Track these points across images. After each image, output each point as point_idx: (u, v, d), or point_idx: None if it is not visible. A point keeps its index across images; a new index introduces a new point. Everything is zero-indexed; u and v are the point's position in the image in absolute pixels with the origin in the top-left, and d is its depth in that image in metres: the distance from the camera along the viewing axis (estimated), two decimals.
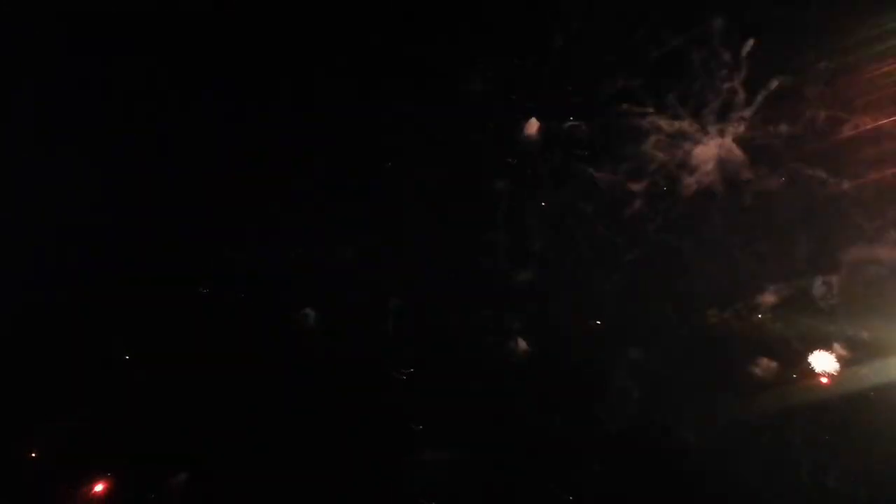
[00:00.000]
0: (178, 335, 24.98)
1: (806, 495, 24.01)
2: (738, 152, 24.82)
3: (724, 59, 24.38)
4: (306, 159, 26.06)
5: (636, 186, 25.71)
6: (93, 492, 24.13)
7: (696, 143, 25.05)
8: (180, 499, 24.40)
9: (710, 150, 24.95)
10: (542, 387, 26.34)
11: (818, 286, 25.12)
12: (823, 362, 25.13)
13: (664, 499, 25.33)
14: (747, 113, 24.66)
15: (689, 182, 25.34)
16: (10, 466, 23.69)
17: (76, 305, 24.94)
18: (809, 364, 25.33)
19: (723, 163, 24.99)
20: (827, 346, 25.04)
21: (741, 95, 24.63)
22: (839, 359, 24.96)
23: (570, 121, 24.65)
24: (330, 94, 26.05)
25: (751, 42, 24.02)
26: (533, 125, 24.18)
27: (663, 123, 25.09)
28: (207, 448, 24.70)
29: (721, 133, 24.91)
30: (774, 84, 24.25)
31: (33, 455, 24.09)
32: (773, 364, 25.61)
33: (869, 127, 23.33)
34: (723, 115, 24.88)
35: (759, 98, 24.50)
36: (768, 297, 25.36)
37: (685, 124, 25.07)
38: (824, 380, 25.13)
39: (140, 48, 26.07)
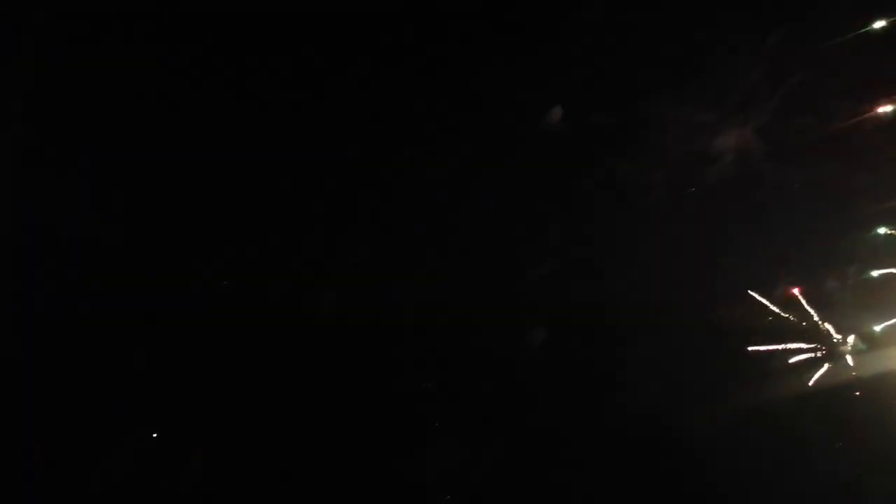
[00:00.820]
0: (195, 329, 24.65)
1: (817, 488, 24.23)
2: (757, 144, 24.73)
3: (746, 51, 24.17)
4: (319, 154, 25.50)
5: (654, 177, 25.55)
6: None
7: (716, 134, 24.90)
8: (193, 489, 24.27)
9: (730, 141, 24.82)
10: (556, 380, 26.36)
11: (833, 280, 25.27)
12: (838, 355, 25.35)
13: (676, 492, 25.54)
14: (768, 105, 24.51)
15: (708, 174, 25.23)
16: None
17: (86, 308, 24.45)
18: (824, 357, 25.53)
19: (742, 155, 24.90)
20: (842, 339, 25.24)
21: (763, 88, 24.46)
22: (854, 352, 25.17)
23: (592, 111, 24.39)
24: (344, 89, 25.44)
25: (774, 34, 23.82)
26: (556, 114, 23.93)
27: (683, 115, 24.88)
28: (222, 441, 24.58)
29: (741, 125, 24.76)
30: (796, 77, 24.11)
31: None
32: (787, 358, 25.81)
33: (891, 121, 23.25)
34: (743, 108, 24.71)
35: (781, 90, 24.34)
36: (784, 291, 25.47)
37: (705, 116, 24.88)
38: (838, 373, 25.36)
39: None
